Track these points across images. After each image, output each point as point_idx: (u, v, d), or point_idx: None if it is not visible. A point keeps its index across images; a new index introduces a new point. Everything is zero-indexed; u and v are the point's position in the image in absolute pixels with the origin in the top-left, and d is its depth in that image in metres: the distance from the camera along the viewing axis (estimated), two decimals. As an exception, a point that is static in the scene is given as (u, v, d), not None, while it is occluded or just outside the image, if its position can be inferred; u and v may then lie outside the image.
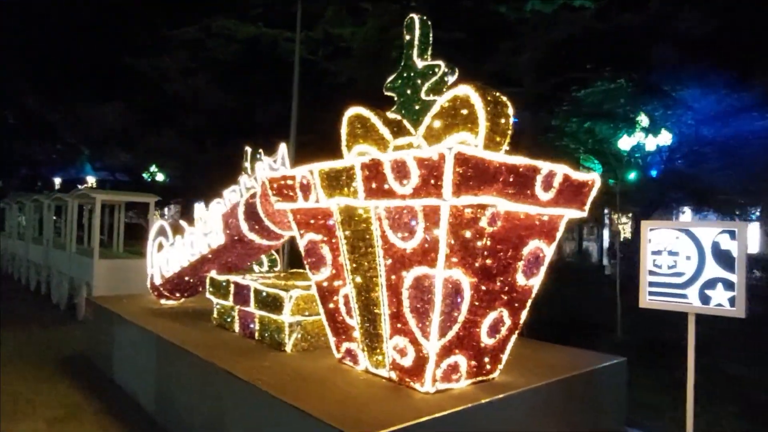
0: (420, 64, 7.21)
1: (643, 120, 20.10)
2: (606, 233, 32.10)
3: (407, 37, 7.26)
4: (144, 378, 6.27)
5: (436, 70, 6.97)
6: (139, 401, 6.32)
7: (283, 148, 6.44)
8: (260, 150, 9.74)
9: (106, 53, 19.86)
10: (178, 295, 7.68)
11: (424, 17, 6.09)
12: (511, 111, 4.32)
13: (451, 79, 7.01)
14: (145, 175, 35.69)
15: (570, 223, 4.77)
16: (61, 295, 12.64)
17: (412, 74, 7.32)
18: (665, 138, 19.59)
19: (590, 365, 5.16)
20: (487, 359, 4.47)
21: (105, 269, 11.17)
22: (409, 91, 7.34)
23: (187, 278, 7.13)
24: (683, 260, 4.44)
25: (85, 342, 8.75)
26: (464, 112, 4.17)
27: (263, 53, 17.12)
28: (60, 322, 11.22)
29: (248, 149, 9.62)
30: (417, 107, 7.19)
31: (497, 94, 4.29)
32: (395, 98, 7.58)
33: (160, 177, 35.88)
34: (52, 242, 14.21)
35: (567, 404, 4.80)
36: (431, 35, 7.24)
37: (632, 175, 19.06)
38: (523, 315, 4.61)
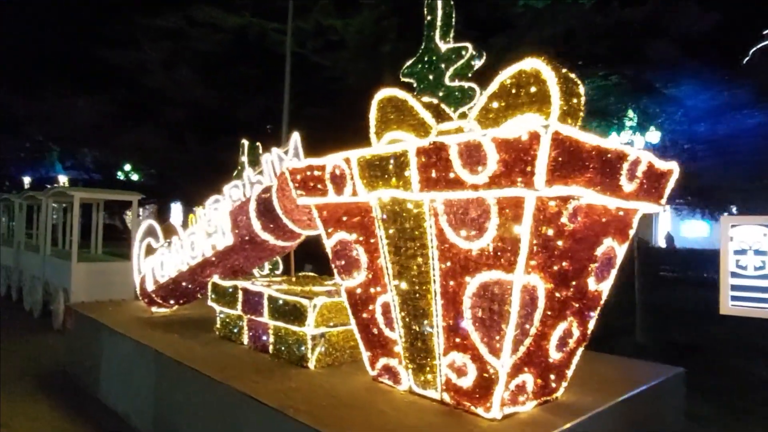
0: (443, 47, 6.64)
1: (634, 118, 19.94)
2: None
3: (428, 18, 6.65)
4: (139, 398, 5.51)
5: (463, 53, 6.38)
6: (134, 424, 5.56)
7: (295, 137, 5.75)
8: (257, 143, 9.05)
9: (78, 43, 18.70)
10: (172, 302, 6.91)
11: None
12: (582, 89, 3.74)
13: (477, 64, 6.49)
14: (119, 174, 34.33)
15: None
16: (35, 301, 11.65)
17: (434, 58, 6.71)
18: (654, 136, 19.46)
19: (653, 378, 4.62)
20: (552, 376, 3.88)
21: (84, 273, 10.27)
22: (431, 77, 6.72)
23: (184, 284, 6.37)
24: (769, 260, 3.94)
25: (66, 355, 7.88)
26: (533, 89, 3.55)
27: (250, 45, 16.27)
28: (34, 331, 10.27)
29: (245, 142, 8.87)
30: (441, 94, 6.59)
31: (565, 69, 3.72)
32: (414, 84, 7.01)
33: (135, 176, 34.56)
34: (24, 244, 13.17)
35: (635, 423, 4.25)
36: (454, 16, 6.67)
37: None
38: (592, 325, 4.03)
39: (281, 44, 15.74)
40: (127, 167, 35.04)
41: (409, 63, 7.04)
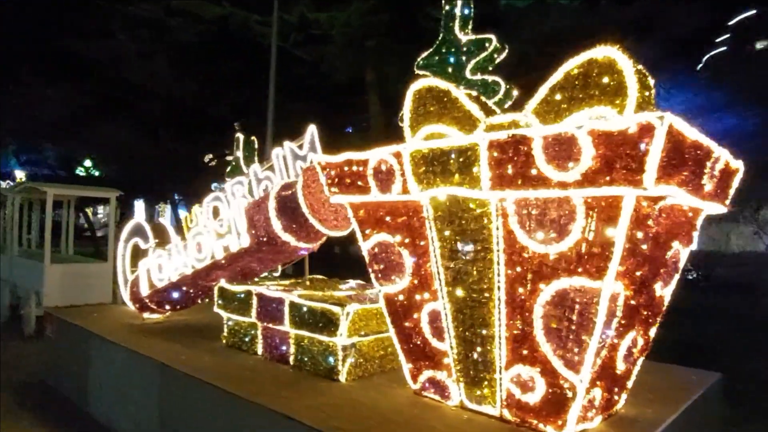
0: (463, 38, 6.34)
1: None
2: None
3: (446, 8, 6.34)
4: (140, 415, 5.00)
5: (487, 45, 6.10)
6: (134, 444, 5.05)
7: (312, 130, 5.32)
8: (252, 138, 8.56)
9: (44, 32, 17.51)
10: (168, 308, 6.39)
11: None
12: (652, 81, 3.48)
13: (499, 58, 6.21)
14: (80, 171, 32.80)
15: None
16: (1, 306, 10.79)
17: (453, 50, 6.41)
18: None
19: (702, 385, 4.44)
20: (616, 388, 3.62)
21: (58, 275, 9.53)
22: (450, 69, 6.41)
23: (185, 288, 5.87)
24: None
25: (46, 365, 7.22)
26: (605, 80, 3.27)
27: (232, 37, 15.59)
28: (2, 339, 9.46)
29: (240, 136, 8.38)
30: (461, 88, 6.29)
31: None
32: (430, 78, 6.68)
33: (96, 172, 33.07)
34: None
35: (690, 435, 4.05)
36: (473, 6, 6.37)
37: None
38: (653, 332, 3.80)
39: (264, 36, 15.18)
40: (88, 163, 33.55)
41: (424, 55, 6.70)
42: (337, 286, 5.59)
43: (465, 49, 6.17)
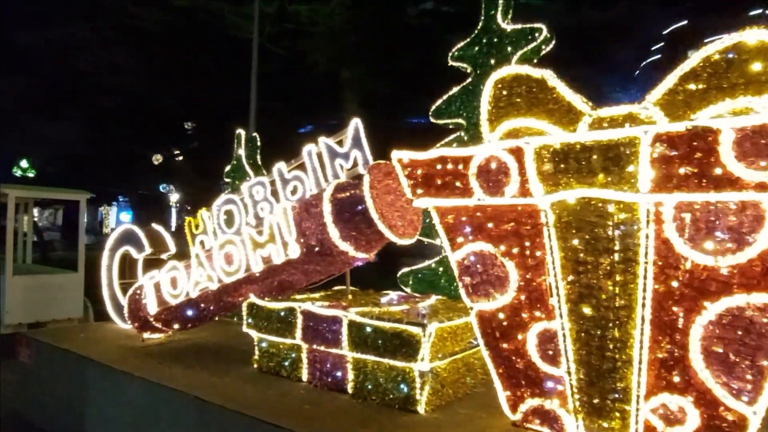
0: (508, 27, 5.90)
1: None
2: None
3: (487, -6, 5.87)
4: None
5: (536, 35, 5.68)
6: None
7: (356, 123, 4.69)
8: (254, 134, 7.81)
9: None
10: (176, 327, 5.58)
11: None
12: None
13: (547, 48, 5.82)
14: (16, 171, 30.32)
15: None
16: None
17: (495, 40, 5.95)
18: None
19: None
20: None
21: (20, 289, 8.38)
22: (492, 61, 5.94)
23: (203, 305, 5.10)
24: None
25: (20, 395, 6.20)
26: (756, 67, 2.89)
27: (201, 28, 14.55)
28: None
29: (241, 132, 7.66)
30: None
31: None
32: (468, 70, 6.20)
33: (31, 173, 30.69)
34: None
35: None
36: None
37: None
38: None
39: (237, 28, 14.27)
40: (24, 163, 31.13)
41: (460, 45, 6.21)
42: (378, 298, 5.01)
43: (510, 39, 5.74)
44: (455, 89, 6.10)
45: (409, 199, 4.35)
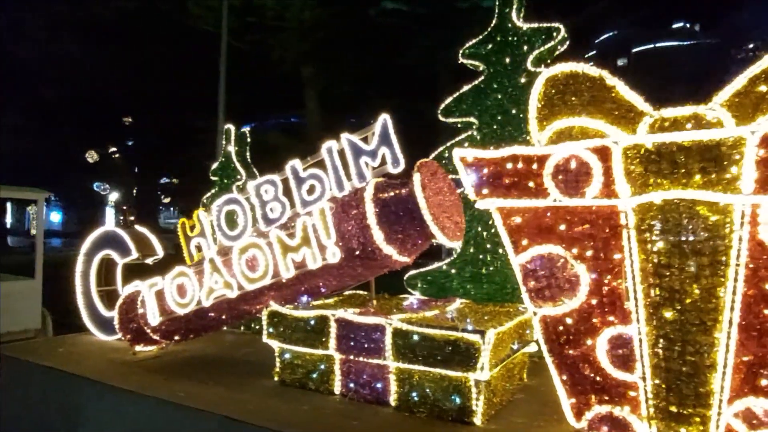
0: (524, 26, 5.82)
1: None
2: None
3: (501, -9, 5.77)
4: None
5: (554, 34, 5.64)
6: None
7: (385, 119, 4.42)
8: (244, 129, 7.38)
9: None
10: (177, 338, 5.12)
11: None
12: None
13: (562, 48, 5.79)
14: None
15: None
16: None
17: (509, 38, 5.86)
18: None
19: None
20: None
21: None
22: (507, 60, 5.85)
23: (213, 314, 4.68)
24: None
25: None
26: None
27: (160, 17, 13.67)
28: None
29: (230, 127, 7.21)
30: (522, 80, 5.77)
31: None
32: (480, 68, 6.07)
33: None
34: None
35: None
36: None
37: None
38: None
39: (198, 19, 13.59)
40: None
41: (473, 42, 6.06)
42: (400, 303, 4.80)
43: (526, 37, 5.67)
44: (465, 87, 5.97)
45: (454, 200, 4.19)
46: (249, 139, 7.12)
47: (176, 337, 5.08)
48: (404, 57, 17.33)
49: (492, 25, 5.83)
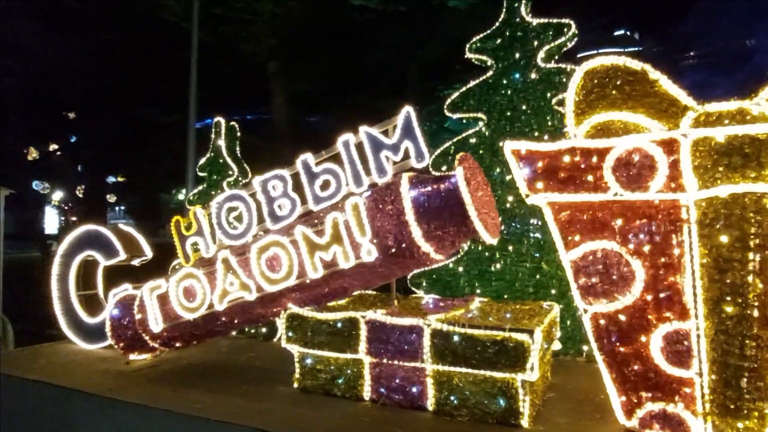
0: (534, 21, 5.76)
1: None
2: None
3: (511, -16, 5.70)
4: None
5: (566, 30, 5.62)
6: None
7: (407, 112, 4.23)
8: (233, 123, 7.02)
9: None
10: (178, 345, 4.75)
11: None
12: None
13: (571, 44, 5.78)
14: None
15: None
16: None
17: (519, 33, 5.80)
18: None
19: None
20: None
21: None
22: (517, 55, 5.78)
23: (225, 319, 4.35)
24: None
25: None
26: None
27: (124, 6, 12.88)
28: None
29: (220, 120, 6.84)
30: (533, 75, 5.71)
31: None
32: (487, 63, 5.98)
33: None
34: None
35: None
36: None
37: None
38: None
39: (165, 9, 12.96)
40: None
41: (480, 37, 5.96)
42: (419, 302, 4.64)
43: (536, 33, 5.61)
44: (472, 83, 5.88)
45: (490, 195, 4.06)
46: (238, 133, 6.77)
47: (177, 344, 4.71)
48: (372, 55, 17.16)
49: (500, 19, 5.75)
